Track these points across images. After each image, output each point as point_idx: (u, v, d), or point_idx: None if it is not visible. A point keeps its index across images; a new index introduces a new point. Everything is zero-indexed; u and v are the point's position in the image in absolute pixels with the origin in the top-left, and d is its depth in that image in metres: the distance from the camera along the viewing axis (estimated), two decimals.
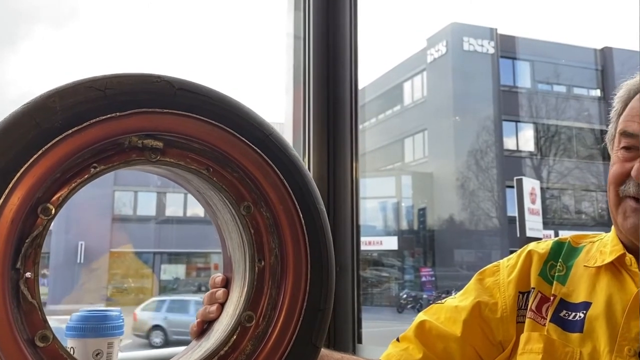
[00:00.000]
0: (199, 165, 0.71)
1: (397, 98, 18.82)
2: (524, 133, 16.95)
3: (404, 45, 21.15)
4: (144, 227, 15.17)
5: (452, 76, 16.78)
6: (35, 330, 0.62)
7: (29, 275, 0.62)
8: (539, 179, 15.15)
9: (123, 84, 0.66)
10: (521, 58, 16.92)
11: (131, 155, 0.68)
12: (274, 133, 0.75)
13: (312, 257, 0.73)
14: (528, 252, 1.05)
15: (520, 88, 16.96)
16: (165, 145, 0.69)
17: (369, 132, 19.51)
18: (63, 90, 0.64)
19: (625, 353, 0.86)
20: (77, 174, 0.65)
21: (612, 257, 0.95)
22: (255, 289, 0.73)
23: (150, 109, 0.67)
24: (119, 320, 0.87)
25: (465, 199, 16.30)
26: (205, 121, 0.70)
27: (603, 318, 0.90)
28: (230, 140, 0.71)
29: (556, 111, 16.75)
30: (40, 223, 0.63)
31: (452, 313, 1.03)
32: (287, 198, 0.73)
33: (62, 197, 0.64)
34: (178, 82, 0.70)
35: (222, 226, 0.78)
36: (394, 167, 18.88)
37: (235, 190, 0.73)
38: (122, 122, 0.66)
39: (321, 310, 0.74)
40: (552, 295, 0.97)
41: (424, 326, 1.03)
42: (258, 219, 0.73)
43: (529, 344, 0.94)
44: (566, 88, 17.01)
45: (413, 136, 18.19)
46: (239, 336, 0.72)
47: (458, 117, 16.49)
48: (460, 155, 16.44)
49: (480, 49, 16.80)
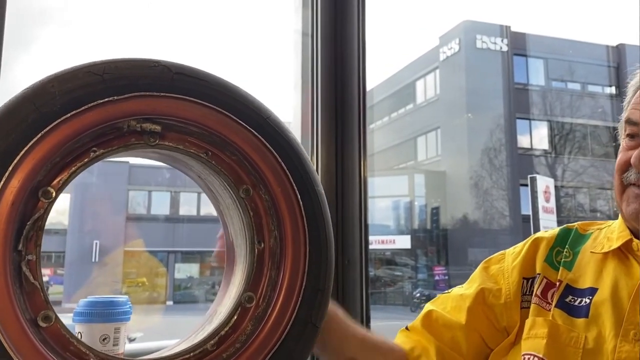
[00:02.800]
0: (197, 149, 0.72)
1: (409, 96, 18.78)
2: (538, 131, 16.85)
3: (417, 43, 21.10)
4: (158, 226, 15.28)
5: (465, 74, 16.71)
6: (37, 310, 0.63)
7: (31, 257, 0.63)
8: (553, 177, 15.06)
9: (121, 69, 0.67)
10: (535, 55, 16.81)
11: (130, 139, 0.68)
12: (271, 116, 0.75)
13: (310, 238, 0.74)
14: (534, 240, 1.05)
15: (533, 86, 16.86)
16: (164, 128, 0.70)
17: (381, 130, 19.50)
18: (62, 75, 0.65)
19: (631, 337, 0.85)
20: (77, 158, 0.66)
21: (619, 243, 0.95)
22: (255, 270, 0.74)
23: (147, 93, 0.68)
24: (125, 307, 0.88)
25: (479, 198, 16.24)
26: (203, 105, 0.70)
27: (609, 303, 0.90)
28: (228, 123, 0.72)
29: (570, 109, 16.64)
30: (42, 206, 0.64)
31: (457, 302, 1.03)
32: (285, 180, 0.74)
33: (63, 181, 0.65)
34: (176, 66, 0.70)
35: (224, 211, 0.79)
36: (406, 166, 18.85)
37: (234, 174, 0.74)
38: (119, 106, 0.66)
39: (321, 290, 0.75)
40: (558, 281, 0.97)
41: (431, 316, 1.04)
42: (257, 201, 0.74)
43: (534, 329, 0.94)
44: (580, 85, 16.89)
45: (426, 134, 18.14)
46: (239, 317, 0.73)
47: (470, 115, 16.41)
48: (474, 154, 16.38)
49: (493, 46, 16.72)
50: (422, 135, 18.29)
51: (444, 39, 17.57)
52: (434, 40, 18.08)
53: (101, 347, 0.82)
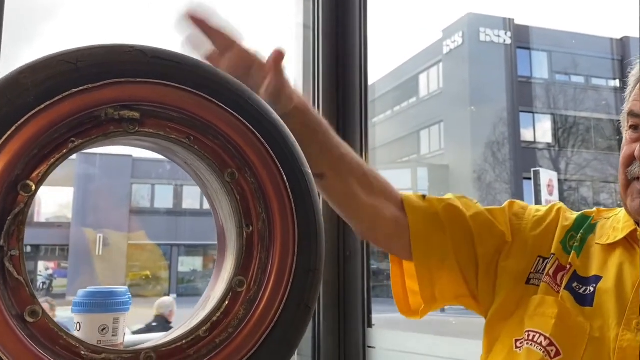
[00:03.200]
0: (179, 134, 0.70)
1: (412, 90, 18.73)
2: (541, 124, 16.80)
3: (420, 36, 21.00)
4: (162, 220, 15.30)
5: (469, 67, 16.65)
6: (24, 306, 0.62)
7: (14, 252, 0.62)
8: (556, 170, 15.02)
9: (95, 56, 0.65)
10: (538, 48, 16.74)
11: (109, 128, 0.66)
12: (253, 97, 0.74)
13: (299, 219, 0.73)
14: (557, 210, 1.05)
15: (537, 79, 16.80)
16: (143, 115, 0.68)
17: (384, 124, 19.46)
18: (34, 65, 0.63)
19: (634, 327, 0.85)
20: (55, 149, 0.64)
21: (624, 233, 0.95)
22: (245, 254, 0.73)
23: (123, 79, 0.66)
24: (124, 297, 0.87)
25: (482, 191, 16.21)
26: (181, 89, 0.69)
27: (613, 292, 0.90)
28: (208, 106, 0.70)
29: (574, 102, 16.58)
30: (22, 200, 0.62)
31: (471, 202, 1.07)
32: (270, 162, 0.73)
33: (42, 173, 0.63)
34: (151, 50, 0.68)
35: (212, 195, 0.78)
36: (409, 160, 18.82)
37: (218, 158, 0.72)
38: (95, 94, 0.64)
39: (312, 270, 0.74)
40: (569, 264, 0.97)
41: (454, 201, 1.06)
42: (243, 185, 0.73)
43: (542, 307, 0.93)
44: (584, 79, 16.82)
45: (429, 128, 18.10)
46: (230, 301, 0.72)
47: (474, 108, 16.36)
48: (477, 147, 16.34)
49: (497, 39, 16.65)
50: (425, 129, 18.25)
51: (447, 32, 17.51)
52: (437, 33, 18.02)
53: (100, 337, 0.83)
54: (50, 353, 0.62)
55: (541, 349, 0.89)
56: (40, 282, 14.66)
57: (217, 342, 0.70)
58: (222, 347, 0.70)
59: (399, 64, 19.23)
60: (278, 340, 0.72)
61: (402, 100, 19.35)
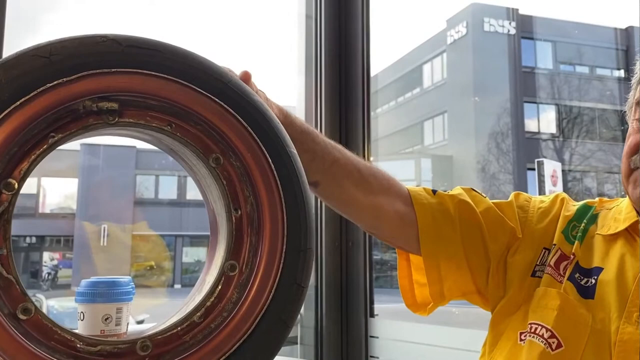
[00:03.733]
0: (160, 122, 0.70)
1: (416, 80, 18.67)
2: (545, 115, 16.74)
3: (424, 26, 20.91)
4: (166, 210, 15.33)
5: (473, 57, 16.58)
6: (16, 304, 0.62)
7: (2, 251, 0.61)
8: (560, 161, 14.98)
9: (68, 48, 0.64)
10: (543, 39, 16.65)
11: (88, 120, 0.66)
12: (232, 80, 0.73)
13: (286, 200, 0.73)
14: (561, 200, 1.06)
15: (541, 69, 16.72)
16: (121, 105, 0.67)
17: (387, 115, 19.42)
18: (7, 62, 0.62)
19: (634, 319, 0.86)
20: (35, 146, 0.64)
21: (625, 225, 0.95)
22: (235, 238, 0.73)
23: (98, 70, 0.65)
24: (127, 287, 0.88)
25: (486, 182, 16.19)
26: (158, 76, 0.68)
27: (614, 284, 0.90)
28: (187, 92, 0.69)
29: (579, 92, 16.51)
30: (5, 199, 0.62)
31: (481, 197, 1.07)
32: (254, 145, 0.72)
33: (24, 171, 0.63)
34: (125, 39, 0.67)
35: (201, 181, 0.78)
36: (413, 151, 18.79)
37: (202, 144, 0.72)
38: (70, 87, 0.64)
39: (302, 250, 0.74)
40: (572, 254, 0.97)
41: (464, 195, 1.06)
42: (229, 169, 0.73)
43: (545, 300, 0.93)
44: (589, 69, 16.73)
45: (433, 119, 18.05)
46: (223, 286, 0.73)
47: (477, 98, 16.31)
48: (481, 138, 16.30)
49: (501, 29, 16.56)
50: (428, 120, 18.20)
51: (451, 22, 17.42)
52: (441, 23, 17.93)
53: (104, 326, 0.83)
54: (46, 349, 0.63)
55: (542, 341, 0.89)
56: (46, 273, 14.73)
57: (212, 327, 0.71)
58: (217, 332, 0.71)
59: (402, 55, 19.17)
60: (273, 321, 0.73)
61: (406, 91, 19.29)
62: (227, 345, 0.70)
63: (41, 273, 14.81)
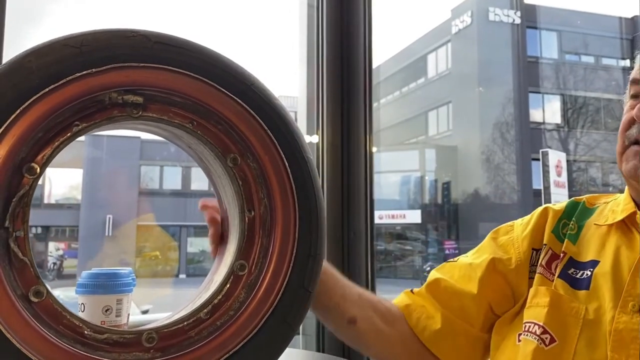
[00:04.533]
0: (182, 119, 0.71)
1: (421, 70, 18.60)
2: (550, 105, 16.67)
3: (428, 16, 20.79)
4: (170, 201, 15.37)
5: (478, 47, 16.50)
6: (28, 286, 0.64)
7: (19, 233, 0.63)
8: (565, 151, 14.93)
9: (99, 40, 0.66)
10: (548, 28, 16.55)
11: (113, 112, 0.67)
12: (255, 83, 0.74)
13: (300, 205, 0.74)
14: (544, 209, 1.04)
15: (546, 59, 16.63)
16: (146, 100, 0.69)
17: (392, 105, 19.37)
18: (39, 50, 0.64)
19: (630, 309, 0.86)
20: (59, 133, 0.65)
21: (623, 215, 0.95)
22: (247, 239, 0.74)
23: (126, 64, 0.66)
24: (127, 279, 0.89)
25: (490, 172, 16.16)
26: (184, 74, 0.69)
27: (609, 275, 0.90)
28: (211, 92, 0.71)
29: (584, 82, 16.42)
30: (27, 182, 0.63)
31: (466, 271, 1.03)
32: (272, 148, 0.73)
33: (46, 156, 0.64)
34: (155, 35, 0.69)
35: (216, 180, 0.79)
36: (417, 141, 18.75)
37: (221, 143, 0.73)
38: (98, 78, 0.65)
39: (312, 256, 0.75)
40: (562, 252, 0.97)
41: (439, 284, 1.04)
42: (245, 170, 0.74)
43: (536, 298, 0.94)
44: (594, 58, 16.64)
45: (437, 109, 18.00)
46: (232, 285, 0.74)
47: (482, 88, 16.25)
48: (486, 128, 16.25)
49: (506, 19, 16.47)
50: (433, 110, 18.15)
51: (456, 12, 17.32)
52: (446, 12, 17.84)
53: (104, 317, 0.84)
54: (54, 332, 0.64)
55: (535, 338, 0.90)
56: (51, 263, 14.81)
57: (218, 324, 0.72)
58: (222, 329, 0.72)
59: (407, 44, 19.09)
60: (278, 323, 0.74)
61: (410, 81, 19.22)
62: (232, 344, 0.72)
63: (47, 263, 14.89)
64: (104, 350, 0.67)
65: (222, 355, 0.71)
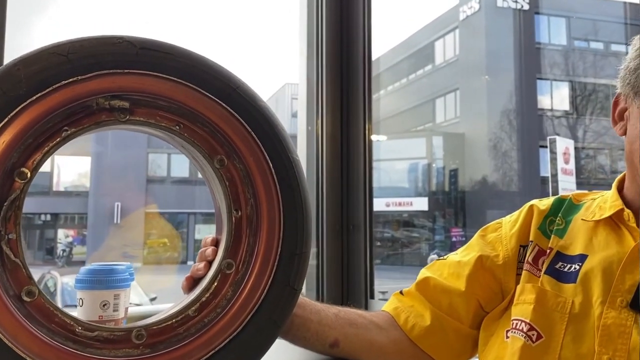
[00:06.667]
0: (168, 122, 0.73)
1: (428, 57, 18.50)
2: (559, 92, 16.56)
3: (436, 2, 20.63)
4: (178, 188, 15.44)
5: (485, 34, 16.38)
6: (21, 286, 0.66)
7: (12, 236, 0.65)
8: (574, 138, 14.84)
9: (85, 47, 0.68)
10: (556, 14, 16.40)
11: (101, 117, 0.70)
12: (241, 86, 0.75)
13: (284, 205, 0.76)
14: (530, 207, 1.05)
15: (555, 45, 16.49)
16: (133, 104, 0.71)
17: (399, 92, 19.30)
18: (27, 58, 0.66)
19: (618, 304, 0.87)
20: (49, 138, 0.67)
21: (611, 212, 0.96)
22: (234, 238, 0.76)
23: (112, 70, 0.69)
24: (125, 274, 0.91)
25: (498, 160, 16.11)
26: (168, 79, 0.71)
27: (598, 270, 0.91)
28: (195, 96, 0.73)
29: (593, 69, 16.29)
30: (18, 187, 0.65)
31: (455, 268, 1.05)
32: (256, 150, 0.75)
33: (37, 161, 0.67)
34: (140, 41, 0.71)
35: (209, 178, 0.80)
36: (424, 128, 18.69)
37: (208, 145, 0.75)
38: (85, 85, 0.67)
39: (297, 254, 0.77)
40: (549, 249, 0.98)
41: (428, 283, 1.05)
42: (232, 171, 0.76)
43: (523, 295, 0.95)
44: (604, 45, 16.49)
45: (444, 96, 17.92)
46: (219, 283, 0.76)
47: (489, 76, 16.15)
48: (493, 115, 16.18)
49: (514, 5, 16.32)
50: (440, 97, 18.07)
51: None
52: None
53: (101, 312, 0.87)
54: (46, 331, 0.67)
55: (522, 335, 0.92)
56: (61, 250, 14.95)
57: (206, 322, 0.75)
58: (210, 326, 0.74)
59: (414, 31, 18.98)
60: (264, 320, 0.76)
61: (418, 68, 19.13)
62: (218, 340, 0.74)
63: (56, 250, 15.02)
64: (95, 347, 0.69)
65: (208, 351, 0.73)
